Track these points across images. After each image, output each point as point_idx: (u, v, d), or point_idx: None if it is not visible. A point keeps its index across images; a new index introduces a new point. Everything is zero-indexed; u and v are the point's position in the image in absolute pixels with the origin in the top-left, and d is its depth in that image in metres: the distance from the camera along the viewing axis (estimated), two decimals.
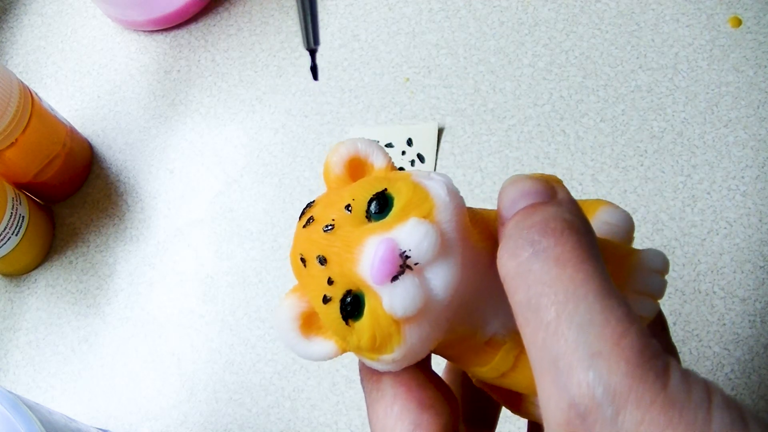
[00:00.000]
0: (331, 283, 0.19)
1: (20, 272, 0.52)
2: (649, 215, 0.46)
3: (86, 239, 0.53)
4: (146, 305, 0.50)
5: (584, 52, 0.50)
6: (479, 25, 0.53)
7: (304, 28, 0.27)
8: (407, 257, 0.18)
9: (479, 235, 0.20)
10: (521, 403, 0.22)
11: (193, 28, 0.57)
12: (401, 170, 0.22)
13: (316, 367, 0.46)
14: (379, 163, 0.21)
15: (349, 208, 0.20)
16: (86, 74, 0.58)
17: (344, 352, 0.20)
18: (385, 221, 0.19)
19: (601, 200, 0.23)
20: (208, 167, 0.53)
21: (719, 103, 0.47)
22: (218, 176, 0.52)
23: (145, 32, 0.58)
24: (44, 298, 0.51)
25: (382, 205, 0.19)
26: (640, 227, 0.46)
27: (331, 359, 0.21)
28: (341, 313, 0.19)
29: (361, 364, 0.21)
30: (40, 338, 0.50)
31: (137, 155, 0.54)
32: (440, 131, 0.50)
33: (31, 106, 0.48)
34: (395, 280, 0.18)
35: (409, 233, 0.18)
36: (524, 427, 0.26)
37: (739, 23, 0.49)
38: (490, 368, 0.20)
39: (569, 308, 0.16)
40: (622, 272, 0.21)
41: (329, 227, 0.20)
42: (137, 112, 0.56)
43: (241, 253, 0.50)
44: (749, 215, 0.45)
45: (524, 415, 0.22)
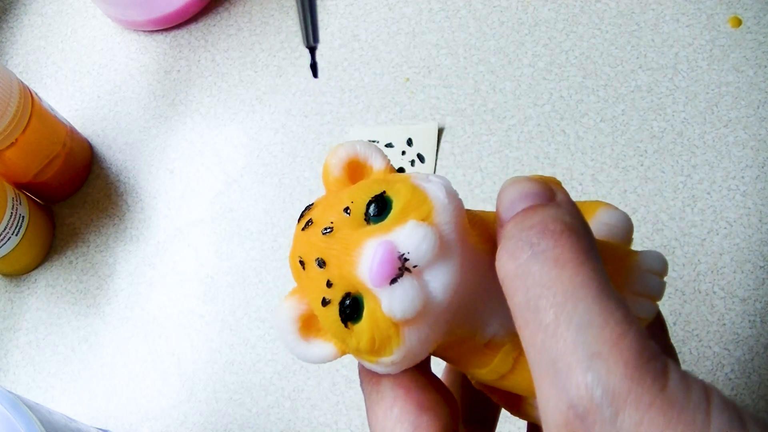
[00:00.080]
0: (330, 285, 0.19)
1: (20, 272, 0.52)
2: (649, 215, 0.46)
3: (86, 239, 0.53)
4: (146, 305, 0.50)
5: (584, 52, 0.50)
6: (479, 25, 0.53)
7: (303, 25, 0.27)
8: (406, 260, 0.18)
9: (478, 237, 0.20)
10: (520, 404, 0.22)
11: (193, 28, 0.57)
12: (401, 171, 0.22)
13: (316, 367, 0.46)
14: (377, 165, 0.21)
15: (347, 210, 0.20)
16: (86, 74, 0.58)
17: (343, 354, 0.20)
18: (383, 224, 0.19)
19: (599, 201, 0.23)
20: (208, 167, 0.53)
21: (719, 103, 0.47)
22: (218, 176, 0.52)
23: (145, 32, 0.58)
24: (44, 298, 0.51)
25: (380, 207, 0.19)
26: (640, 227, 0.46)
27: (330, 361, 0.21)
28: (340, 315, 0.19)
29: (360, 366, 0.21)
30: (40, 338, 0.50)
31: (137, 155, 0.54)
32: (440, 131, 0.50)
33: (31, 106, 0.48)
34: (394, 282, 0.18)
35: (407, 236, 0.18)
36: (524, 428, 0.26)
37: (739, 23, 0.49)
38: (489, 370, 0.20)
39: (568, 310, 0.16)
40: (621, 273, 0.21)
41: (328, 230, 0.20)
42: (137, 112, 0.56)
43: (241, 253, 0.50)
44: (749, 215, 0.45)
45: (523, 416, 0.22)
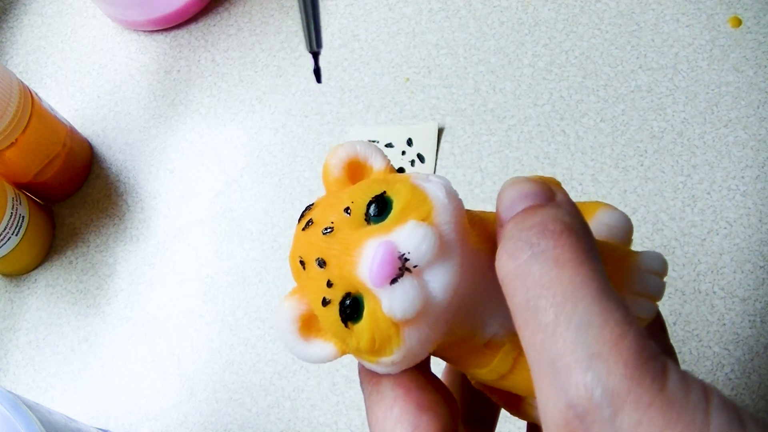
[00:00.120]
0: (330, 285, 0.19)
1: (20, 272, 0.52)
2: (649, 215, 0.46)
3: (86, 239, 0.53)
4: (146, 305, 0.50)
5: (584, 52, 0.50)
6: (479, 25, 0.53)
7: (306, 31, 0.27)
8: (406, 260, 0.18)
9: (478, 237, 0.20)
10: (520, 404, 0.22)
11: (193, 28, 0.57)
12: (401, 171, 0.22)
13: (316, 367, 0.46)
14: (377, 165, 0.21)
15: (348, 210, 0.20)
16: (86, 74, 0.58)
17: (343, 354, 0.20)
18: (384, 224, 0.19)
19: (599, 202, 0.23)
20: (208, 167, 0.53)
21: (719, 103, 0.47)
22: (218, 176, 0.52)
23: (145, 32, 0.58)
24: (44, 298, 0.51)
25: (381, 207, 0.19)
26: (640, 227, 0.46)
27: (330, 361, 0.21)
28: (340, 315, 0.19)
29: (360, 366, 0.21)
30: (40, 338, 0.50)
31: (137, 155, 0.54)
32: (440, 131, 0.50)
33: (31, 106, 0.48)
34: (394, 282, 0.18)
35: (407, 236, 0.18)
36: (524, 427, 0.26)
37: (739, 23, 0.49)
38: (489, 370, 0.20)
39: (567, 310, 0.16)
40: (620, 274, 0.21)
41: (328, 230, 0.20)
42: (137, 112, 0.56)
43: (241, 253, 0.50)
44: (749, 215, 0.45)
45: (523, 416, 0.22)
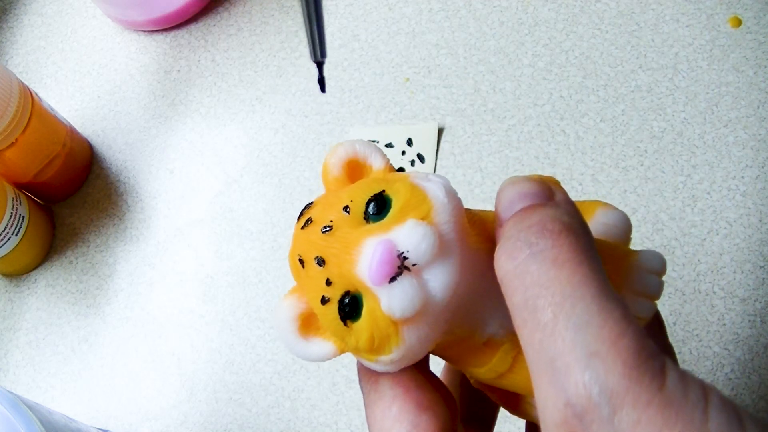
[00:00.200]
0: (329, 284, 0.19)
1: (20, 272, 0.52)
2: (649, 215, 0.46)
3: (86, 239, 0.53)
4: (146, 305, 0.50)
5: (584, 52, 0.50)
6: (479, 25, 0.53)
7: (310, 40, 0.27)
8: (405, 258, 0.18)
9: (477, 236, 0.20)
10: (519, 403, 0.22)
11: (193, 28, 0.57)
12: (400, 171, 0.22)
13: (316, 367, 0.46)
14: (377, 164, 0.21)
15: (347, 209, 0.20)
16: (86, 74, 0.58)
17: (342, 352, 0.20)
18: (383, 222, 0.19)
19: (598, 201, 0.23)
20: (208, 167, 0.53)
21: (719, 103, 0.47)
22: (218, 176, 0.52)
23: (145, 32, 0.58)
24: (44, 298, 0.51)
25: (380, 206, 0.19)
26: (640, 227, 0.46)
27: (329, 360, 0.21)
28: (339, 314, 0.19)
29: (359, 364, 0.21)
30: (40, 338, 0.50)
31: (137, 155, 0.54)
32: (440, 131, 0.50)
33: (31, 106, 0.48)
34: (393, 281, 0.18)
35: (407, 234, 0.18)
36: (523, 427, 0.26)
37: (739, 23, 0.49)
38: (488, 369, 0.20)
39: (566, 309, 0.16)
40: (619, 273, 0.21)
41: (327, 228, 0.20)
42: (137, 112, 0.56)
43: (241, 253, 0.50)
44: (749, 215, 0.45)
45: (522, 415, 0.22)
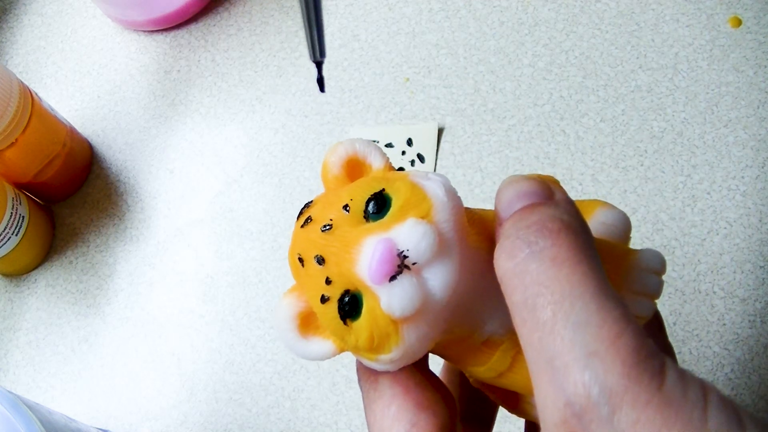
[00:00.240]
0: (329, 282, 0.19)
1: (20, 272, 0.52)
2: (649, 215, 0.46)
3: (86, 239, 0.53)
4: (146, 305, 0.50)
5: (584, 52, 0.50)
6: (479, 25, 0.53)
7: (309, 40, 0.27)
8: (405, 257, 0.18)
9: (477, 235, 0.20)
10: (518, 402, 0.22)
11: (193, 28, 0.57)
12: (400, 170, 0.22)
13: (316, 367, 0.46)
14: (377, 163, 0.21)
15: (347, 208, 0.20)
16: (86, 74, 0.58)
17: (342, 351, 0.20)
18: (383, 221, 0.19)
19: (597, 200, 0.23)
20: (208, 167, 0.53)
21: (719, 103, 0.47)
22: (218, 176, 0.52)
23: (145, 32, 0.58)
24: (44, 298, 0.51)
25: (380, 205, 0.19)
26: (640, 227, 0.46)
27: (329, 359, 0.21)
28: (339, 312, 0.19)
29: (358, 363, 0.21)
30: (40, 338, 0.50)
31: (137, 155, 0.54)
32: (440, 131, 0.50)
33: (31, 106, 0.48)
34: (393, 280, 0.18)
35: (407, 233, 0.18)
36: (522, 427, 0.26)
37: (739, 23, 0.49)
38: (487, 368, 0.20)
39: (565, 308, 0.16)
40: (619, 272, 0.21)
41: (327, 227, 0.20)
42: (137, 112, 0.56)
43: (241, 253, 0.50)
44: (749, 215, 0.45)
45: (521, 414, 0.22)
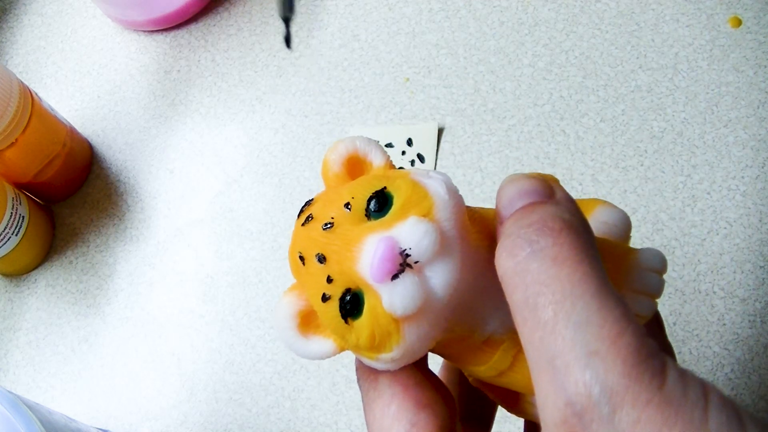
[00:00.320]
0: (330, 281, 0.19)
1: (20, 272, 0.52)
2: (649, 215, 0.46)
3: (86, 239, 0.53)
4: (146, 305, 0.50)
5: (584, 52, 0.50)
6: (479, 25, 0.53)
7: None
8: (407, 255, 0.18)
9: (478, 234, 0.20)
10: (518, 402, 0.22)
11: (193, 28, 0.57)
12: (401, 169, 0.22)
13: (316, 367, 0.46)
14: (377, 161, 0.21)
15: (348, 206, 0.20)
16: (86, 74, 0.58)
17: (342, 350, 0.20)
18: (384, 219, 0.19)
19: (598, 199, 0.23)
20: (208, 167, 0.53)
21: (719, 103, 0.47)
22: (218, 176, 0.52)
23: (145, 32, 0.58)
24: (44, 298, 0.51)
25: (381, 203, 0.19)
26: (640, 227, 0.46)
27: (329, 358, 0.20)
28: (340, 311, 0.19)
29: (357, 362, 0.21)
30: (40, 338, 0.50)
31: (137, 155, 0.54)
32: (440, 131, 0.50)
33: (31, 106, 0.48)
34: (395, 278, 0.18)
35: (408, 231, 0.18)
36: (522, 426, 0.26)
37: (739, 23, 0.49)
38: (487, 367, 0.20)
39: (566, 307, 0.16)
40: (620, 271, 0.21)
41: (328, 225, 0.19)
42: (137, 112, 0.56)
43: (241, 253, 0.50)
44: (749, 215, 0.45)
45: (521, 414, 0.22)
